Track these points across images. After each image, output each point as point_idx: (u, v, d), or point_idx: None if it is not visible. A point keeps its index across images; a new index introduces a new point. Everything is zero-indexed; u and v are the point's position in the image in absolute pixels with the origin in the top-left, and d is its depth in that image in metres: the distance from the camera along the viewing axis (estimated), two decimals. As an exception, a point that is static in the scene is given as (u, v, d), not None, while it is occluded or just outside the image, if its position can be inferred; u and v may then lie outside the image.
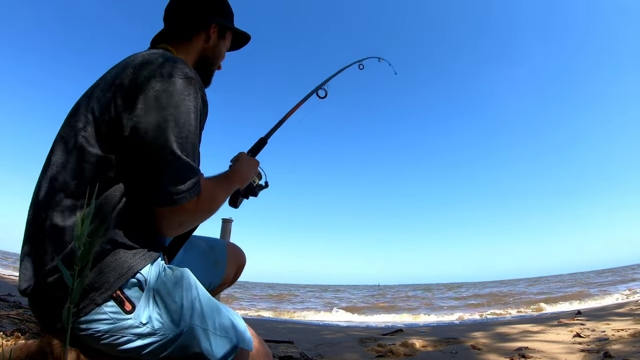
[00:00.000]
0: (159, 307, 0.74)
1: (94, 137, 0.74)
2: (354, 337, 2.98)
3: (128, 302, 0.72)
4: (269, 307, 9.60)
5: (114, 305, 0.70)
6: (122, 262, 0.72)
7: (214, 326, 0.76)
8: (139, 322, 0.71)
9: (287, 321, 6.16)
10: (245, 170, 1.05)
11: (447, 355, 2.03)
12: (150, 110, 0.73)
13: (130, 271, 0.72)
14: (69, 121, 0.79)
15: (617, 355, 1.66)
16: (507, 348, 2.11)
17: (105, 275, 0.70)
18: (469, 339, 2.56)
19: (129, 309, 0.71)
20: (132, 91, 0.75)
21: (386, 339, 2.75)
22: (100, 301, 0.69)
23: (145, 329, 0.72)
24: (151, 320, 0.73)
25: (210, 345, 0.75)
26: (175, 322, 0.74)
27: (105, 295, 0.69)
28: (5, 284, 4.55)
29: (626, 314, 3.35)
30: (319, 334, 3.53)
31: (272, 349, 2.10)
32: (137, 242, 0.76)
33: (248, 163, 1.08)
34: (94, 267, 0.70)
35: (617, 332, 2.24)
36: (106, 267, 0.71)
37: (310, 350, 2.30)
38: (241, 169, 1.04)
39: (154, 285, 0.76)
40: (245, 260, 1.30)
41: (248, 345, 0.79)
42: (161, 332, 0.73)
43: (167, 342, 0.74)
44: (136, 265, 0.73)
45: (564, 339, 2.22)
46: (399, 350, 2.14)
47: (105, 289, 0.70)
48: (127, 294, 0.72)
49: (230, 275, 1.21)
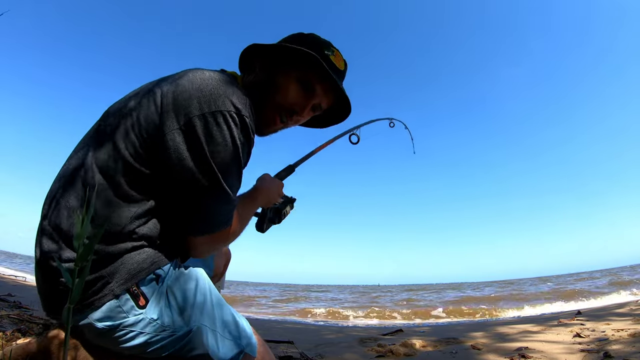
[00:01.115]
0: (170, 305, 0.75)
1: (134, 148, 0.73)
2: (354, 337, 2.98)
3: (143, 297, 0.72)
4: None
5: (129, 299, 0.71)
6: (145, 258, 0.73)
7: (222, 328, 0.78)
8: (150, 318, 0.72)
9: (287, 321, 6.16)
10: (270, 189, 1.04)
11: (447, 355, 2.03)
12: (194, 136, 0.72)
13: (152, 267, 0.73)
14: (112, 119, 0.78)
15: (617, 355, 1.66)
16: (507, 348, 2.10)
17: (126, 268, 0.71)
18: (468, 339, 2.56)
19: (142, 304, 0.72)
20: (179, 109, 0.73)
21: (386, 339, 2.75)
22: (119, 292, 0.69)
23: (155, 325, 0.72)
24: (162, 316, 0.73)
25: (217, 347, 0.75)
26: (185, 321, 0.75)
27: (124, 287, 0.70)
28: (5, 284, 4.54)
29: (626, 314, 3.35)
30: (319, 334, 3.52)
31: (272, 349, 2.10)
32: (162, 242, 0.77)
33: (273, 183, 1.07)
34: (118, 259, 0.70)
35: (617, 332, 2.24)
36: (129, 259, 0.71)
37: (310, 350, 2.30)
38: (266, 188, 1.03)
39: (168, 283, 0.77)
40: (231, 254, 1.33)
41: (253, 351, 0.80)
42: (170, 329, 0.74)
43: (175, 340, 0.74)
44: (158, 262, 0.74)
45: (564, 339, 2.22)
46: (399, 350, 2.13)
47: (126, 279, 0.70)
48: (142, 289, 0.73)
49: (219, 267, 1.25)
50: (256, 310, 8.55)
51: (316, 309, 8.21)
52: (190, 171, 0.72)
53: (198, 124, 0.72)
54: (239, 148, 0.75)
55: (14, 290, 3.09)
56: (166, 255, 0.77)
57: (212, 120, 0.72)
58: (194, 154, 0.72)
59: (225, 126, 0.73)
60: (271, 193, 1.05)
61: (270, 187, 1.05)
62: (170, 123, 0.73)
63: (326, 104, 0.97)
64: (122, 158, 0.72)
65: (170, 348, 0.75)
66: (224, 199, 0.75)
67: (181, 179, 0.73)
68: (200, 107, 0.73)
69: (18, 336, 1.30)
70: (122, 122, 0.75)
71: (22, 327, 1.52)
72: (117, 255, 0.70)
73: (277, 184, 1.09)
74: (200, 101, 0.73)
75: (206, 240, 0.78)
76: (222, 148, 0.73)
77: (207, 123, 0.72)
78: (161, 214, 0.76)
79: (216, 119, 0.73)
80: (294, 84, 0.90)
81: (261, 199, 1.00)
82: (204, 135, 0.72)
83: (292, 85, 0.90)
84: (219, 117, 0.73)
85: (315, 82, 0.91)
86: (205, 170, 0.72)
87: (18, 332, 1.37)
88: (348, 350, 2.30)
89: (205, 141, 0.72)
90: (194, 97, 0.73)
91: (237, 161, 0.76)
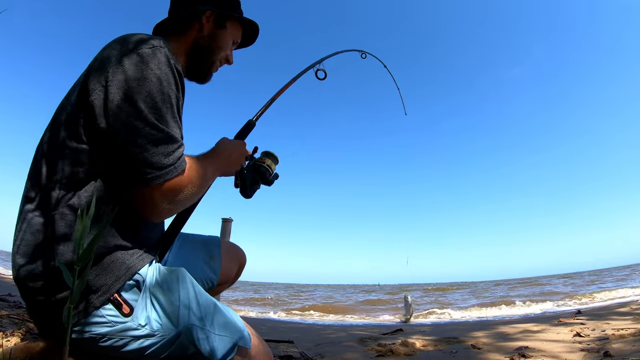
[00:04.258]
0: (156, 309, 0.74)
1: (71, 129, 0.72)
2: (354, 336, 2.98)
3: (126, 304, 0.71)
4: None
5: (112, 308, 0.70)
6: (120, 264, 0.71)
7: (212, 325, 0.76)
8: (137, 324, 0.71)
9: (287, 321, 6.16)
10: (227, 148, 0.98)
11: (447, 355, 2.03)
12: (114, 83, 0.69)
13: (128, 273, 0.72)
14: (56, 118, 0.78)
15: (618, 354, 1.66)
16: (507, 347, 2.10)
17: (102, 278, 0.69)
18: (469, 338, 2.56)
19: (127, 312, 0.71)
20: (98, 71, 0.72)
21: (386, 339, 2.75)
22: (98, 304, 0.68)
23: (144, 331, 0.71)
24: (150, 321, 0.72)
25: (209, 345, 0.74)
26: (173, 323, 0.74)
27: (103, 299, 0.69)
28: (5, 284, 4.55)
29: (626, 313, 3.35)
30: (319, 334, 3.53)
31: (272, 349, 2.10)
32: (131, 241, 0.75)
33: (231, 142, 1.01)
34: (92, 269, 0.69)
35: (617, 331, 2.24)
36: (103, 269, 0.70)
37: (310, 349, 2.30)
38: (222, 147, 0.97)
39: (151, 286, 0.75)
40: (246, 259, 1.29)
41: (246, 343, 0.79)
42: (160, 333, 0.73)
43: (167, 343, 0.74)
44: (134, 267, 0.73)
45: (564, 338, 2.22)
46: (399, 349, 2.13)
47: (103, 292, 0.69)
48: (124, 297, 0.71)
49: (231, 273, 1.21)
50: (256, 310, 8.56)
51: (316, 308, 8.22)
52: (117, 119, 0.69)
53: (115, 71, 0.70)
54: (161, 82, 0.72)
55: (14, 290, 3.09)
56: (141, 257, 0.75)
57: (128, 62, 0.71)
58: (116, 101, 0.69)
59: (142, 64, 0.71)
60: (231, 152, 0.98)
61: (228, 146, 0.98)
62: (94, 85, 0.71)
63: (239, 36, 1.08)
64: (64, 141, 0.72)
65: (165, 351, 0.74)
66: (159, 136, 0.70)
67: (114, 133, 0.69)
68: (116, 58, 0.72)
69: (18, 336, 1.30)
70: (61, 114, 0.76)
71: (22, 327, 1.52)
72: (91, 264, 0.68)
73: (236, 143, 1.02)
74: (117, 54, 0.72)
75: (159, 192, 0.72)
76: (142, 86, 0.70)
77: (123, 67, 0.70)
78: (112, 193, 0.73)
79: (131, 60, 0.71)
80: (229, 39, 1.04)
81: (221, 161, 0.94)
82: (122, 80, 0.70)
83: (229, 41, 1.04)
84: (134, 57, 0.71)
85: (238, 31, 1.07)
86: (130, 112, 0.69)
87: (18, 332, 1.37)
88: (348, 349, 2.30)
89: (124, 83, 0.69)
90: (112, 55, 0.73)
91: (162, 97, 0.72)
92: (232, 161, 0.98)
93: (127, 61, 0.71)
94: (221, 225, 3.31)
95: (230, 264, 1.20)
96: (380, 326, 4.80)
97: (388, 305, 9.58)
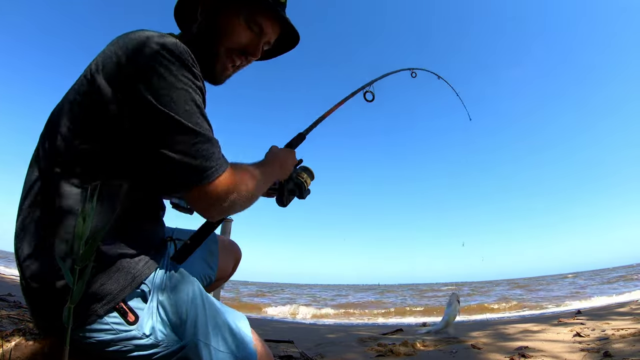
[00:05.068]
0: (162, 319, 0.72)
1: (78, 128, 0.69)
2: (354, 336, 2.98)
3: (131, 313, 0.70)
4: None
5: (116, 316, 0.68)
6: (126, 272, 0.70)
7: (217, 343, 0.74)
8: (142, 334, 0.70)
9: (287, 321, 6.16)
10: (281, 155, 0.99)
11: (447, 355, 2.03)
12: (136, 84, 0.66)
13: (135, 282, 0.70)
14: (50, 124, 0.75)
15: (617, 354, 1.66)
16: (507, 347, 2.11)
17: (108, 286, 0.68)
18: (469, 338, 2.56)
19: (132, 320, 0.69)
20: (114, 70, 0.68)
21: (386, 339, 2.76)
22: (103, 313, 0.67)
23: (149, 341, 0.70)
24: (155, 331, 0.71)
25: None
26: (179, 336, 0.72)
27: (108, 307, 0.67)
28: (5, 284, 4.55)
29: (626, 313, 3.35)
30: (319, 334, 3.52)
31: (272, 349, 2.10)
32: (136, 245, 0.73)
33: (283, 151, 1.03)
34: (97, 277, 0.67)
35: (617, 331, 2.24)
36: (109, 277, 0.68)
37: (310, 349, 2.30)
38: (276, 154, 0.98)
39: (158, 295, 0.74)
40: (241, 254, 1.30)
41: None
42: (164, 343, 0.72)
43: (170, 354, 0.72)
44: (140, 275, 0.71)
45: (564, 338, 2.22)
46: (399, 349, 2.13)
47: (108, 300, 0.67)
48: (130, 305, 0.70)
49: (227, 269, 1.22)
50: (256, 310, 8.55)
51: (315, 308, 8.23)
52: (149, 122, 0.66)
53: (133, 76, 0.67)
54: (182, 84, 0.68)
55: (14, 290, 3.08)
56: (148, 264, 0.73)
57: (147, 67, 0.67)
58: (140, 107, 0.66)
59: (162, 68, 0.67)
60: (284, 160, 1.00)
61: (280, 154, 1.00)
62: (110, 85, 0.67)
63: (274, 37, 0.94)
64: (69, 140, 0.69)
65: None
66: (192, 138, 0.68)
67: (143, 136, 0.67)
68: (131, 61, 0.67)
69: (18, 336, 1.30)
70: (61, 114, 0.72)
71: (22, 327, 1.52)
72: (97, 271, 0.67)
73: (288, 151, 1.04)
74: (129, 57, 0.68)
75: (201, 195, 0.70)
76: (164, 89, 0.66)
77: (141, 72, 0.67)
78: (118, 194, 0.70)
79: (150, 63, 0.67)
80: (242, 24, 0.86)
81: (276, 167, 0.95)
82: (143, 85, 0.66)
83: (241, 27, 0.86)
84: (153, 61, 0.67)
85: (262, 19, 0.87)
86: (162, 115, 0.66)
87: (18, 332, 1.37)
88: (348, 349, 2.30)
89: (145, 89, 0.66)
90: (129, 54, 0.68)
91: (188, 97, 0.69)
92: (285, 168, 1.01)
93: (149, 62, 0.67)
94: (221, 226, 3.31)
95: (227, 260, 1.21)
96: (380, 326, 4.80)
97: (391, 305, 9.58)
